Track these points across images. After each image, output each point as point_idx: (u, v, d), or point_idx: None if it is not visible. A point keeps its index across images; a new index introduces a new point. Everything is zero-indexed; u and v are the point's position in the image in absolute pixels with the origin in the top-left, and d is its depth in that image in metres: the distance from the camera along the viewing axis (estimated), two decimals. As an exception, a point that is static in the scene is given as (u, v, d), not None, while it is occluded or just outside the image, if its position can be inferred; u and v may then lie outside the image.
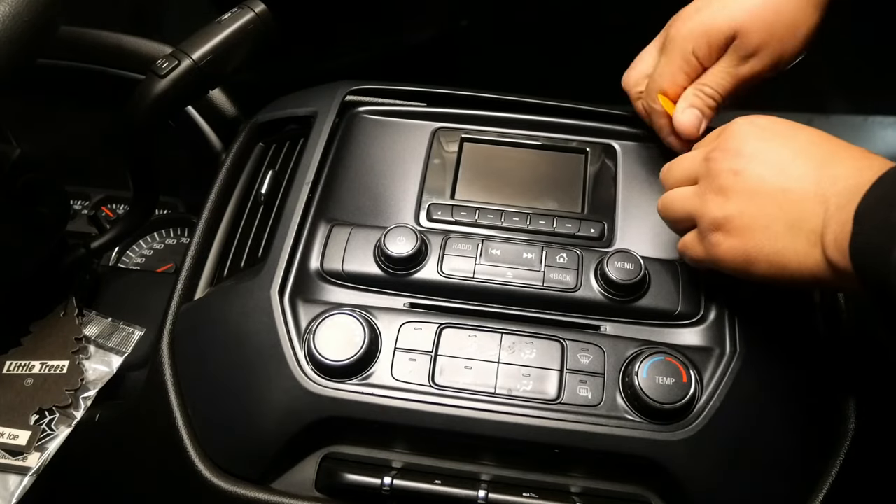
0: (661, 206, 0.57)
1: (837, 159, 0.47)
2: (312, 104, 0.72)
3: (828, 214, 0.44)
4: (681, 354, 0.54)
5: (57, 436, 0.61)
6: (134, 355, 0.66)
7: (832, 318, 0.61)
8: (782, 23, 0.58)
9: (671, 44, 0.61)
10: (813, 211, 0.45)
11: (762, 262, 0.48)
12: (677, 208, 0.55)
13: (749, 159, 0.49)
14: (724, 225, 0.50)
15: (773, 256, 0.47)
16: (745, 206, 0.49)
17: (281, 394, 0.55)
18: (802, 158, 0.48)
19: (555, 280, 0.59)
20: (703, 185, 0.52)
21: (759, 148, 0.50)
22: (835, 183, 0.45)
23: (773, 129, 0.51)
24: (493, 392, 0.54)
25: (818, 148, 0.48)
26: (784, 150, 0.49)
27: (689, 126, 0.61)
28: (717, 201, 0.50)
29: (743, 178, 0.49)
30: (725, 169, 0.50)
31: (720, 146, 0.52)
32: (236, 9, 0.62)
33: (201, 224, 0.68)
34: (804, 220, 0.46)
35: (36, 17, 0.50)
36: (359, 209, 0.65)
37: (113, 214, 0.94)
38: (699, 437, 0.52)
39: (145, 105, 0.58)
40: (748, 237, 0.48)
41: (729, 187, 0.50)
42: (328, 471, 0.55)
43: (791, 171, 0.48)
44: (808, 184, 0.46)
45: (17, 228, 0.61)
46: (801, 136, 0.50)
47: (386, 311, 0.57)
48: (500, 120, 0.70)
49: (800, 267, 0.46)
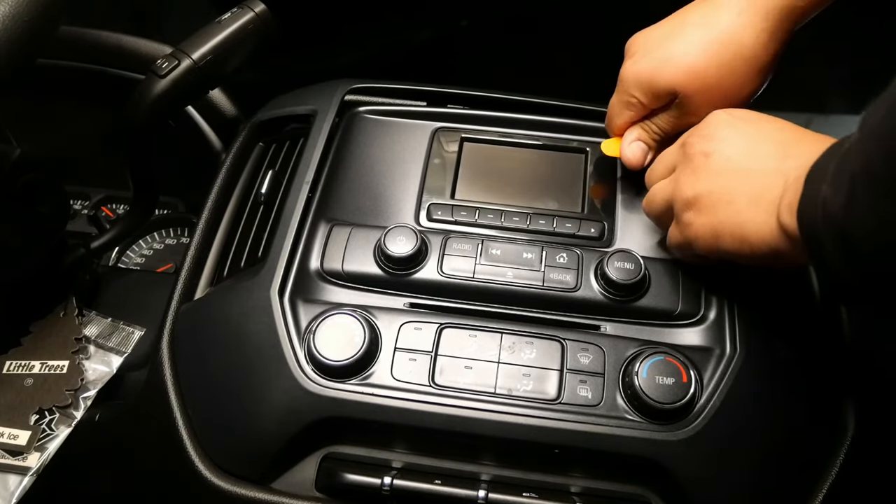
0: (645, 203, 0.60)
1: (801, 143, 0.49)
2: (312, 102, 0.72)
3: (786, 185, 0.46)
4: (681, 354, 0.54)
5: (57, 436, 0.61)
6: (134, 355, 0.66)
7: (832, 318, 0.62)
8: (724, 86, 0.58)
9: (621, 81, 0.62)
10: (773, 184, 0.47)
11: (727, 235, 0.50)
12: (657, 200, 0.58)
13: (719, 142, 0.52)
14: (695, 203, 0.52)
15: (735, 229, 0.49)
16: (713, 185, 0.51)
17: (281, 394, 0.55)
18: (768, 141, 0.50)
19: (555, 280, 0.59)
20: (678, 170, 0.55)
21: (729, 133, 0.52)
22: (798, 158, 0.46)
23: (744, 118, 0.53)
24: (493, 392, 0.54)
25: (784, 133, 0.51)
26: (752, 134, 0.52)
27: (634, 159, 0.63)
28: (689, 181, 0.53)
29: (713, 158, 0.52)
30: (697, 152, 0.53)
31: (696, 132, 0.55)
32: (236, 9, 0.62)
33: (201, 224, 0.68)
34: (764, 192, 0.48)
35: (36, 17, 0.50)
36: (359, 209, 0.65)
37: (113, 214, 0.94)
38: (699, 437, 0.52)
39: (145, 105, 0.58)
40: (714, 213, 0.51)
41: (700, 167, 0.52)
42: (328, 471, 0.55)
43: (757, 151, 0.50)
44: (771, 162, 0.49)
45: (17, 228, 0.61)
46: (769, 124, 0.52)
47: (386, 311, 0.57)
48: (501, 120, 0.70)
49: (759, 237, 0.48)
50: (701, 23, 0.58)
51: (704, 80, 0.57)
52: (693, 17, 0.59)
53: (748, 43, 0.56)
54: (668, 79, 0.58)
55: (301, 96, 0.74)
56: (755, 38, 0.56)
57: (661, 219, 0.59)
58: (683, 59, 0.57)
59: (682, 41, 0.58)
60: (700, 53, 0.57)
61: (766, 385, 0.55)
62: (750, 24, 0.56)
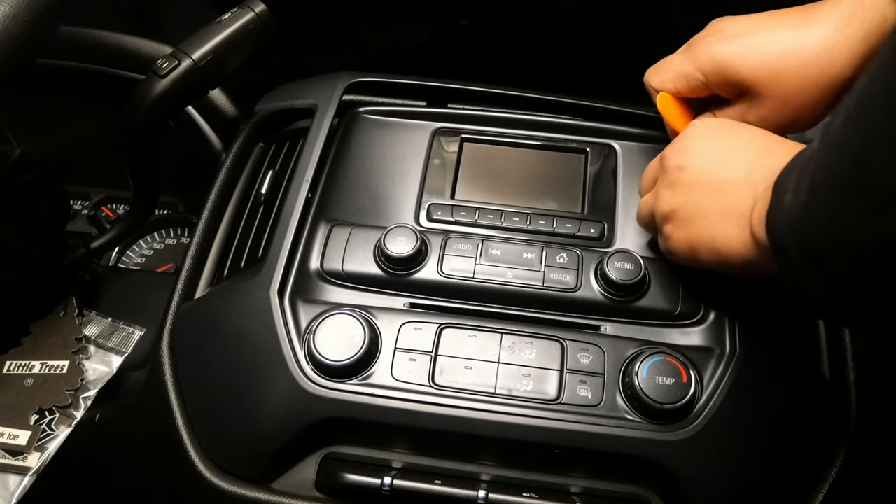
0: (637, 214, 0.61)
1: (771, 151, 0.48)
2: (312, 96, 0.71)
3: (755, 197, 0.46)
4: (681, 354, 0.54)
5: (57, 436, 0.61)
6: (134, 355, 0.66)
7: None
8: (801, 97, 0.54)
9: (695, 52, 0.59)
10: (743, 196, 0.47)
11: (703, 249, 0.51)
12: (643, 212, 0.59)
13: (694, 154, 0.53)
14: (672, 217, 0.53)
15: (710, 243, 0.50)
16: (687, 198, 0.52)
17: (281, 394, 0.55)
18: (739, 152, 0.50)
19: (555, 280, 0.59)
20: (658, 182, 0.56)
21: (703, 144, 0.53)
22: (765, 170, 0.46)
23: (719, 128, 0.54)
24: (493, 392, 0.54)
25: (755, 143, 0.51)
26: (724, 144, 0.52)
27: None
28: (666, 195, 0.54)
29: (687, 172, 0.52)
30: (674, 165, 0.54)
31: (673, 146, 0.55)
32: (236, 9, 0.62)
33: (201, 224, 0.68)
34: (735, 205, 0.48)
35: (36, 16, 0.50)
36: (359, 209, 0.65)
37: (113, 214, 0.94)
38: (699, 437, 0.52)
39: (145, 105, 0.58)
40: (689, 227, 0.52)
41: (676, 181, 0.53)
42: (328, 471, 0.55)
43: (728, 162, 0.50)
44: (741, 173, 0.49)
45: (17, 228, 0.61)
46: (742, 133, 0.53)
47: (386, 311, 0.57)
48: (501, 120, 0.70)
49: (731, 250, 0.48)
50: (798, 25, 0.54)
51: (785, 84, 0.54)
52: (791, 19, 0.55)
53: (839, 61, 0.52)
54: (749, 71, 0.54)
55: (301, 89, 0.74)
56: (848, 58, 0.52)
57: (648, 228, 0.61)
58: (770, 56, 0.54)
59: (775, 38, 0.54)
60: (790, 56, 0.53)
61: (766, 385, 0.55)
62: (846, 42, 0.52)
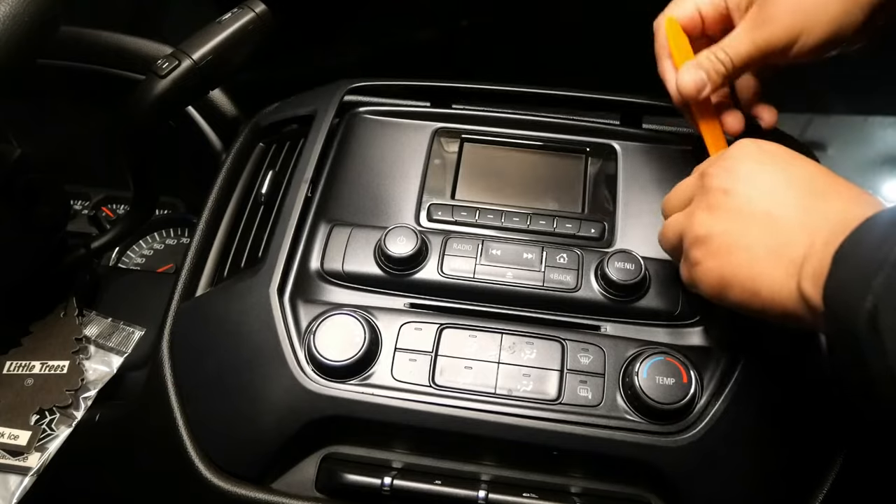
0: (660, 235, 0.56)
1: (831, 194, 0.45)
2: (312, 105, 0.72)
3: (812, 249, 0.42)
4: (681, 355, 0.54)
5: (57, 436, 0.61)
6: (134, 355, 0.66)
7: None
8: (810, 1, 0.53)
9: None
10: (797, 240, 0.43)
11: (737, 286, 0.46)
12: (670, 234, 0.54)
13: (742, 180, 0.48)
14: (706, 242, 0.48)
15: (747, 281, 0.45)
16: (729, 225, 0.47)
17: (281, 394, 0.55)
18: (795, 187, 0.46)
19: (555, 280, 0.59)
20: (694, 203, 0.51)
21: (754, 170, 0.48)
22: (824, 216, 0.43)
23: (773, 154, 0.49)
24: (494, 392, 0.54)
25: (814, 181, 0.46)
26: (779, 175, 0.47)
27: (689, 85, 0.57)
28: (703, 217, 0.49)
29: (732, 196, 0.48)
30: (717, 187, 0.49)
31: (718, 163, 0.50)
32: (236, 9, 0.62)
33: (201, 224, 0.68)
34: (787, 246, 0.44)
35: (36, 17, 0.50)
36: (359, 209, 0.65)
37: (113, 214, 0.94)
38: (699, 438, 0.52)
39: (145, 105, 0.58)
40: (726, 258, 0.47)
41: (717, 205, 0.48)
42: (328, 471, 0.55)
43: (781, 197, 0.46)
44: (796, 212, 0.45)
45: (17, 228, 0.61)
46: (799, 166, 0.48)
47: (386, 312, 0.57)
48: (501, 120, 0.70)
49: (772, 296, 0.44)
50: None
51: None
52: None
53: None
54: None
55: (301, 100, 0.74)
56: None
57: (674, 253, 0.55)
58: None
59: None
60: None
61: (766, 386, 0.55)
62: None
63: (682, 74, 0.58)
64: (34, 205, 0.61)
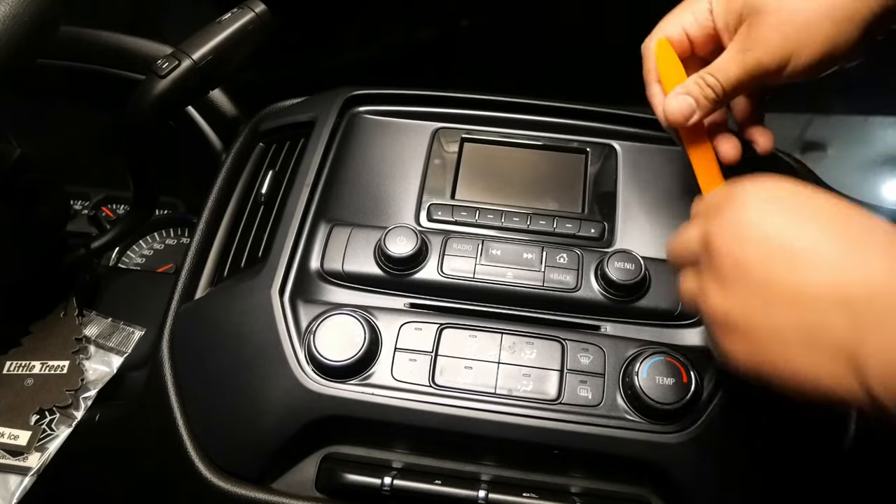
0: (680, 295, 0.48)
1: (865, 245, 0.37)
2: (313, 111, 0.71)
3: (859, 332, 0.36)
4: (681, 355, 0.54)
5: (57, 436, 0.61)
6: (134, 355, 0.66)
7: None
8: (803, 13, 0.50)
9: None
10: (834, 319, 0.36)
11: (776, 377, 0.40)
12: (686, 298, 0.47)
13: (752, 243, 0.40)
14: (728, 324, 0.41)
15: (790, 377, 0.39)
16: (747, 302, 0.40)
17: (281, 394, 0.55)
18: (820, 245, 0.38)
19: (555, 280, 0.59)
20: (702, 270, 0.44)
21: (762, 226, 0.40)
22: (866, 282, 0.36)
23: (784, 203, 0.41)
24: (494, 392, 0.54)
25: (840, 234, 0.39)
26: (798, 231, 0.39)
27: (676, 112, 0.54)
28: (716, 293, 0.42)
29: (744, 268, 0.40)
30: (724, 254, 0.42)
31: (719, 220, 0.43)
32: (236, 9, 0.62)
33: (201, 224, 0.68)
34: (822, 329, 0.37)
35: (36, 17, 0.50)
36: (359, 209, 0.65)
37: (113, 214, 0.94)
38: (700, 438, 0.52)
39: (145, 105, 0.58)
40: (755, 346, 0.40)
41: (727, 277, 0.41)
42: (328, 471, 0.55)
43: (804, 260, 0.38)
44: (826, 278, 0.37)
45: (17, 228, 0.61)
46: (819, 213, 0.40)
47: (386, 312, 0.57)
48: (501, 120, 0.70)
49: (820, 387, 0.38)
50: None
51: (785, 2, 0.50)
52: None
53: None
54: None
55: (301, 107, 0.74)
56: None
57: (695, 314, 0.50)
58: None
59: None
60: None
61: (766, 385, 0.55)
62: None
63: (670, 101, 0.54)
64: (34, 205, 0.61)
